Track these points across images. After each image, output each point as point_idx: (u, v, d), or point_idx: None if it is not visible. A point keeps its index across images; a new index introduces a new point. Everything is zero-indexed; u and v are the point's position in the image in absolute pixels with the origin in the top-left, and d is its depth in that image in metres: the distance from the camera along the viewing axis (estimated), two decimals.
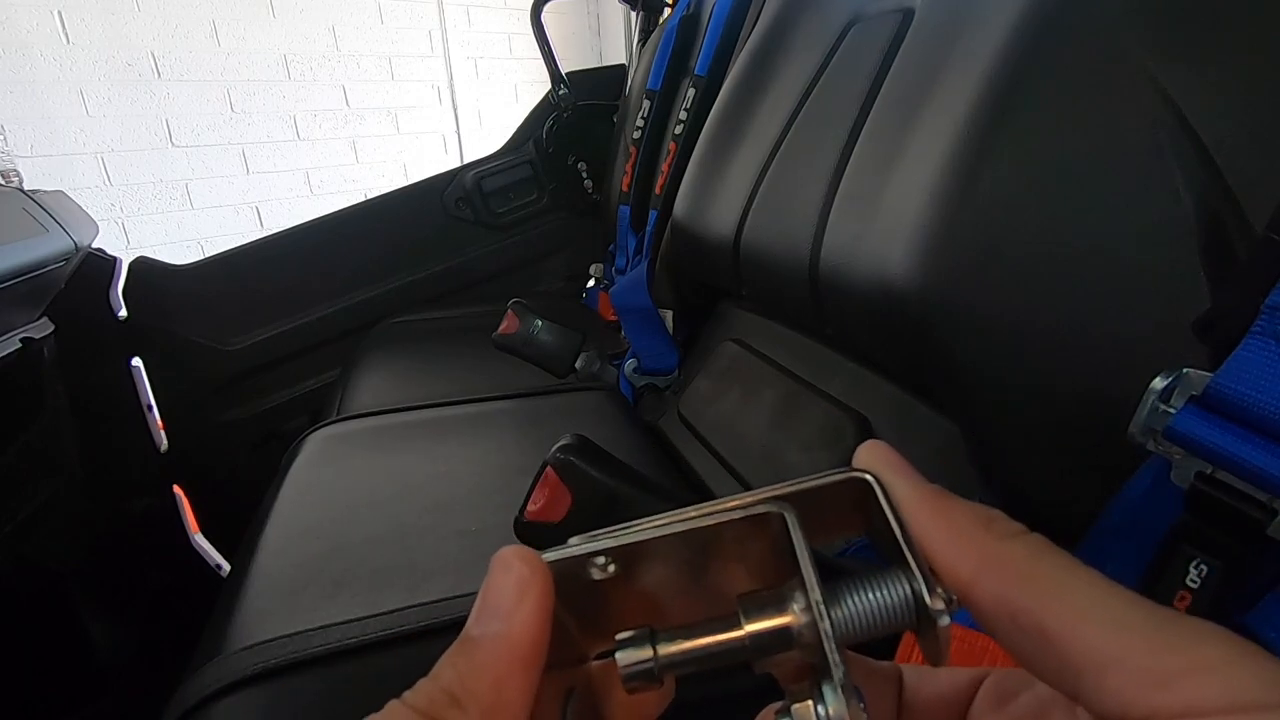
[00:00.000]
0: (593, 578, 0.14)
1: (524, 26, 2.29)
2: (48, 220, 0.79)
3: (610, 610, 0.15)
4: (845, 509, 0.15)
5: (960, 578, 0.13)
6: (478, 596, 0.13)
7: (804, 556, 0.13)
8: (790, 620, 0.13)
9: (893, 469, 0.14)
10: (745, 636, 0.14)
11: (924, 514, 0.13)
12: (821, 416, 0.62)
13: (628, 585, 0.14)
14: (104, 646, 0.87)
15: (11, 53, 1.93)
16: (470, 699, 0.12)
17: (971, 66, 0.47)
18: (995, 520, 0.13)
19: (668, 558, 0.14)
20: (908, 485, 0.14)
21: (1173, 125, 0.33)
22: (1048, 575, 0.12)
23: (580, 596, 0.14)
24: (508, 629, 0.12)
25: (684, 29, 1.07)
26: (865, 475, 0.14)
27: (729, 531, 0.14)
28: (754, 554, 0.14)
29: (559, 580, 0.14)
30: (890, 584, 0.13)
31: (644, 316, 0.95)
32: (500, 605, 0.13)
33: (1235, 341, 0.27)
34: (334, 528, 0.57)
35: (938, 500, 0.13)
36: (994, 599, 0.12)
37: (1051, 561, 0.12)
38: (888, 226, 0.50)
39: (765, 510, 0.14)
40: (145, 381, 1.02)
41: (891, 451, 0.15)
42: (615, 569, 0.14)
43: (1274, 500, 0.26)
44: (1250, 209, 0.30)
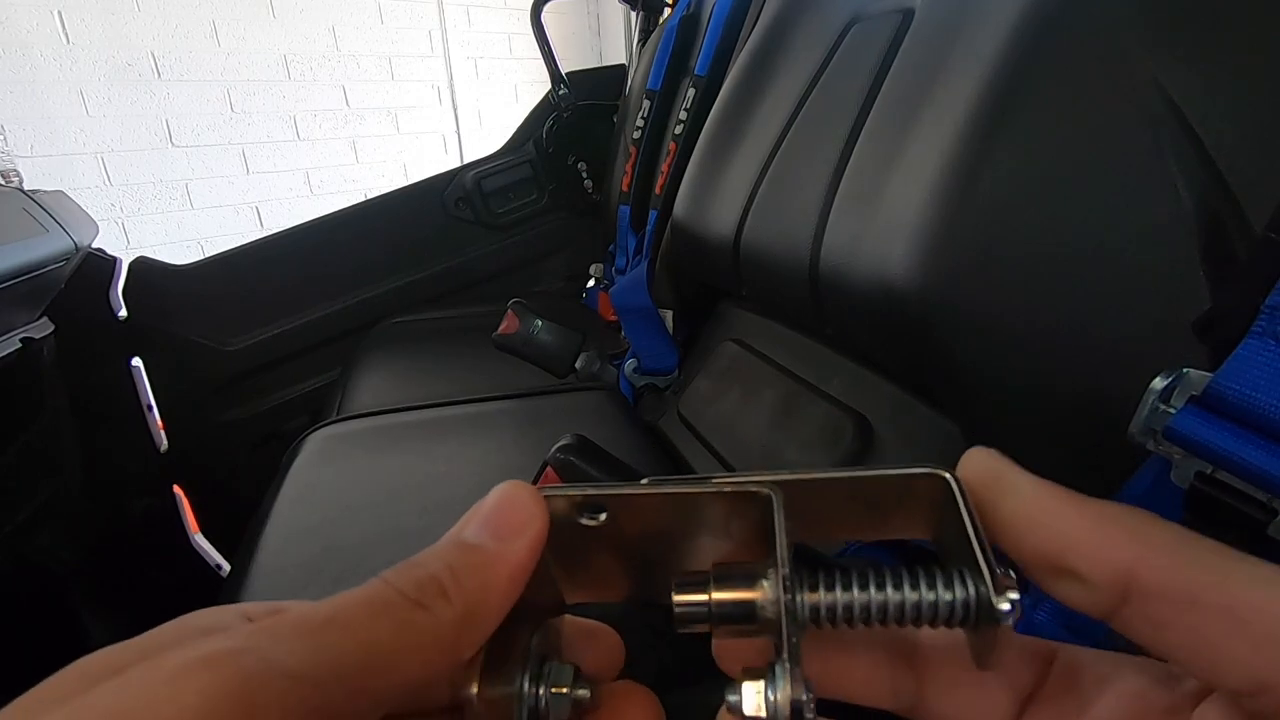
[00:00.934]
0: (582, 523, 0.14)
1: (524, 26, 2.29)
2: (48, 220, 0.79)
3: (592, 557, 0.15)
4: (912, 506, 0.15)
5: (1119, 563, 0.12)
6: (474, 512, 0.14)
7: (780, 534, 0.13)
8: (756, 595, 0.14)
9: (1014, 468, 0.14)
10: (713, 602, 0.14)
11: (1062, 505, 0.13)
12: (821, 416, 0.62)
13: (613, 540, 0.15)
14: (104, 646, 0.87)
15: (11, 53, 1.93)
16: (459, 595, 0.12)
17: (972, 66, 0.47)
18: (1137, 511, 0.13)
19: (657, 519, 0.15)
20: (1032, 481, 0.13)
21: (1173, 125, 0.33)
22: (1214, 553, 0.12)
23: (566, 542, 0.15)
24: (509, 548, 0.13)
25: (684, 29, 1.07)
26: (945, 474, 0.14)
27: (719, 504, 0.14)
28: (740, 532, 0.15)
29: (552, 518, 0.14)
30: (951, 582, 0.14)
31: (644, 316, 0.95)
32: (504, 526, 0.13)
33: (1235, 341, 0.27)
34: (334, 528, 0.57)
35: (1072, 495, 0.13)
36: (1163, 583, 0.12)
37: (1210, 544, 0.12)
38: (888, 226, 0.50)
39: (755, 490, 0.14)
40: (145, 381, 1.02)
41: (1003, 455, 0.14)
42: (605, 518, 0.14)
43: (1274, 500, 0.26)
44: (1250, 209, 0.30)
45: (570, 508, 0.14)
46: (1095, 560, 0.12)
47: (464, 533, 0.13)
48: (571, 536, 0.15)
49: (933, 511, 0.15)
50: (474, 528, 0.13)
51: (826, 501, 0.15)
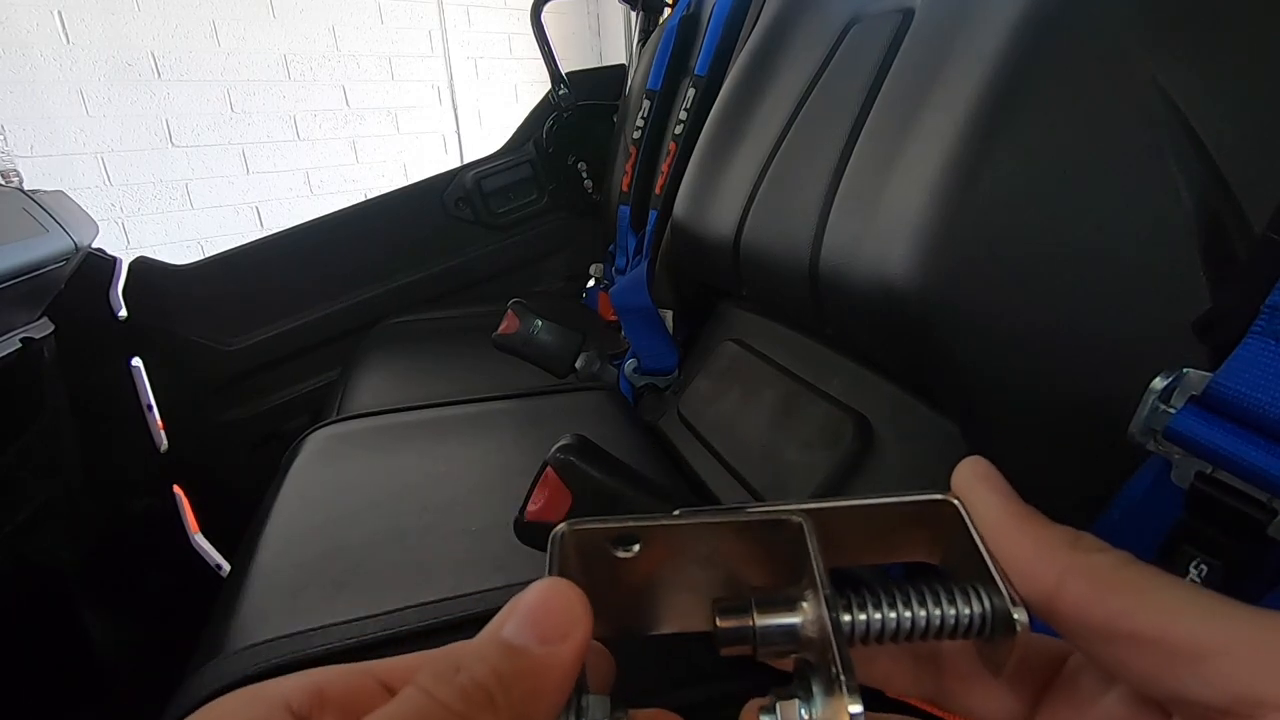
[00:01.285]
0: (616, 556, 0.15)
1: (524, 26, 2.29)
2: (48, 220, 0.79)
3: (623, 591, 0.15)
4: (922, 529, 0.16)
5: (1044, 586, 0.13)
6: (514, 608, 0.13)
7: (816, 560, 0.14)
8: (797, 618, 0.14)
9: (989, 484, 0.15)
10: (756, 628, 0.15)
11: (1011, 526, 0.14)
12: (821, 416, 0.62)
13: (645, 570, 0.15)
14: (104, 646, 0.87)
15: (11, 53, 1.93)
16: (507, 705, 0.12)
17: (972, 66, 0.47)
18: (1081, 537, 0.14)
19: (689, 548, 0.15)
20: (1000, 500, 0.15)
21: (1173, 125, 0.33)
22: (1135, 581, 0.12)
23: (598, 570, 0.15)
24: (556, 653, 0.12)
25: (684, 29, 1.07)
26: (953, 499, 0.15)
27: (749, 532, 0.15)
28: (768, 558, 0.15)
29: (584, 549, 0.14)
30: (963, 598, 0.14)
31: (644, 316, 0.95)
32: (550, 629, 0.13)
33: (1235, 341, 0.27)
34: (334, 528, 0.57)
35: (1026, 517, 0.14)
36: (1080, 605, 0.13)
37: (1138, 570, 0.13)
38: (888, 226, 0.50)
39: (786, 518, 0.15)
40: (145, 381, 1.02)
41: (991, 468, 0.15)
42: (639, 549, 0.15)
43: (1274, 500, 0.26)
44: (1250, 209, 0.30)
45: (603, 541, 0.14)
46: (1028, 583, 0.13)
47: (505, 631, 0.13)
48: (605, 568, 0.15)
49: (941, 532, 0.16)
50: (516, 627, 0.13)
51: (845, 527, 0.16)
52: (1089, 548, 0.13)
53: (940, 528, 0.16)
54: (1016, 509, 0.14)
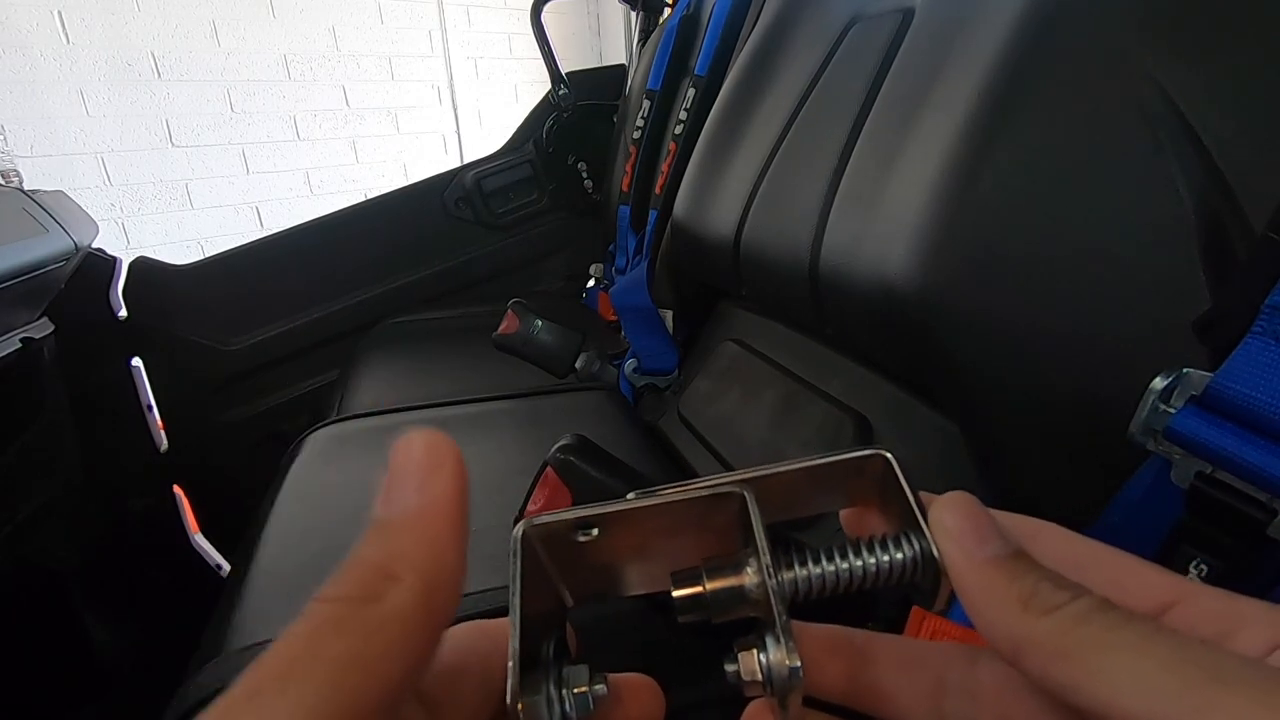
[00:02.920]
0: (578, 541, 0.16)
1: (524, 26, 2.29)
2: (48, 220, 0.79)
3: (591, 563, 0.17)
4: (859, 484, 0.17)
5: (1006, 651, 0.13)
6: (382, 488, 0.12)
7: (758, 527, 0.15)
8: (743, 580, 0.16)
9: (957, 532, 0.15)
10: (707, 592, 0.16)
11: (972, 588, 0.14)
12: (821, 416, 0.62)
13: (607, 549, 0.16)
14: (104, 646, 0.87)
15: (11, 53, 1.93)
16: (408, 569, 0.11)
17: (971, 66, 0.47)
18: (1036, 595, 0.13)
19: (645, 526, 0.16)
20: (960, 554, 0.15)
21: (1173, 125, 0.33)
22: (1081, 648, 0.12)
23: (564, 556, 0.16)
24: (434, 493, 0.12)
25: (684, 29, 1.07)
26: (884, 453, 0.17)
27: (698, 507, 0.16)
28: (720, 526, 0.17)
29: (548, 539, 0.16)
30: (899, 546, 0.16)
31: (644, 316, 0.95)
32: (417, 477, 0.12)
33: (1235, 341, 0.27)
34: (334, 528, 0.57)
35: (986, 573, 0.14)
36: (1036, 677, 0.13)
37: (1087, 632, 0.12)
38: (888, 226, 0.50)
39: (730, 490, 0.16)
40: (145, 381, 1.02)
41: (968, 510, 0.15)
42: (598, 533, 0.16)
43: (1274, 500, 0.26)
44: (1250, 209, 0.30)
45: (565, 529, 0.16)
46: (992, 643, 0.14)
47: (379, 509, 0.12)
48: (569, 551, 0.16)
49: (876, 485, 0.17)
50: (387, 499, 0.12)
51: (789, 488, 0.17)
52: (1039, 609, 0.13)
53: (876, 478, 0.17)
54: (977, 561, 0.14)
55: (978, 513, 0.15)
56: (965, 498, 0.16)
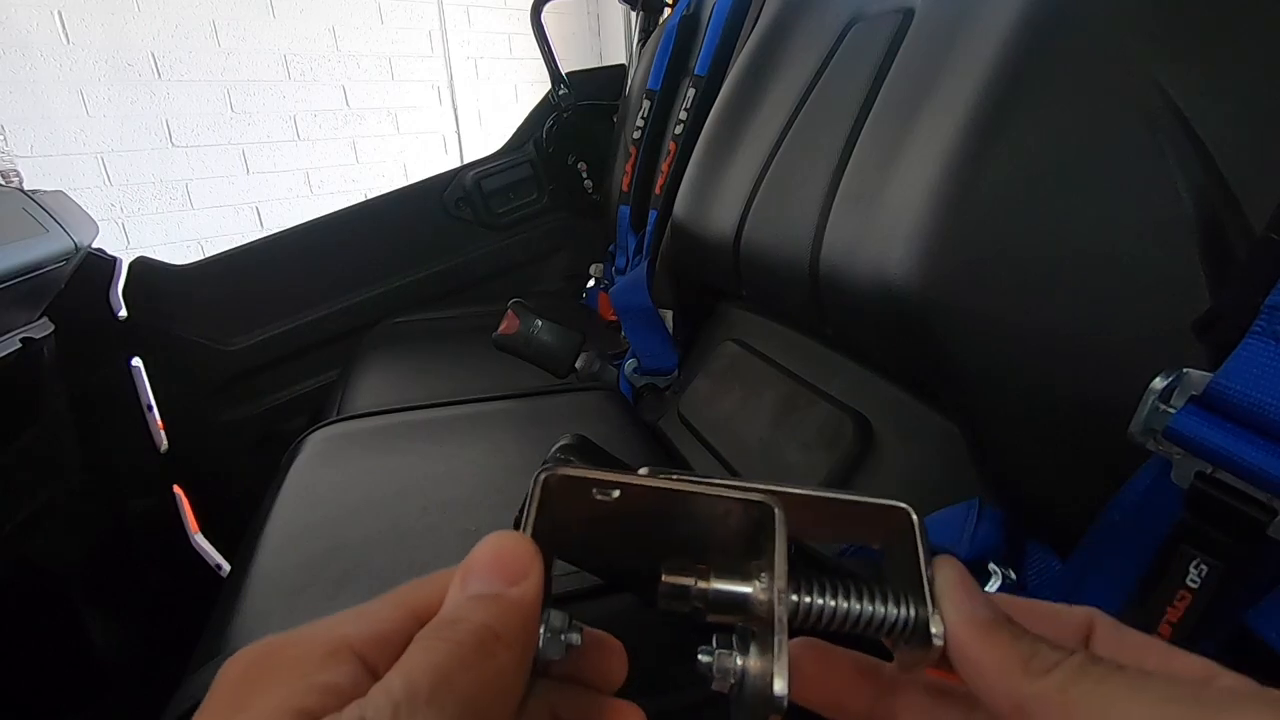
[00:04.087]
0: (595, 498, 0.16)
1: (524, 26, 2.29)
2: (48, 220, 0.79)
3: (596, 530, 0.17)
4: (872, 526, 0.17)
5: (1005, 712, 0.14)
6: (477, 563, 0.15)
7: (780, 546, 0.15)
8: (750, 590, 0.16)
9: (954, 593, 0.16)
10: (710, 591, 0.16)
11: (971, 648, 0.15)
12: (821, 416, 0.62)
13: (620, 517, 0.17)
14: (104, 646, 0.87)
15: (11, 53, 1.93)
16: (514, 640, 0.14)
17: (971, 66, 0.47)
18: (1035, 656, 0.14)
19: (663, 509, 0.17)
20: (960, 616, 0.15)
21: (1173, 125, 0.33)
22: (1083, 703, 0.13)
23: (577, 509, 0.16)
24: (523, 592, 0.15)
25: (684, 29, 1.07)
26: (908, 509, 0.17)
27: (724, 506, 0.16)
28: (733, 530, 0.17)
29: (568, 491, 0.16)
30: (894, 600, 0.16)
31: (644, 316, 0.95)
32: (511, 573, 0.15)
33: (1235, 341, 0.27)
34: (334, 528, 0.57)
35: (985, 635, 0.15)
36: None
37: (1085, 687, 0.13)
38: (888, 226, 0.50)
39: (760, 499, 0.16)
40: (145, 381, 1.02)
41: (961, 571, 0.16)
42: (616, 496, 0.16)
43: (1274, 500, 0.26)
44: (1250, 209, 0.30)
45: (590, 484, 0.16)
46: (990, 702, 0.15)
47: (476, 586, 0.15)
48: (584, 507, 0.16)
49: (892, 532, 0.17)
50: (484, 579, 0.15)
51: (806, 512, 0.17)
52: (1039, 670, 0.14)
53: (892, 529, 0.17)
54: (977, 621, 0.15)
55: (969, 577, 0.16)
56: (955, 562, 0.16)
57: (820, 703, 0.18)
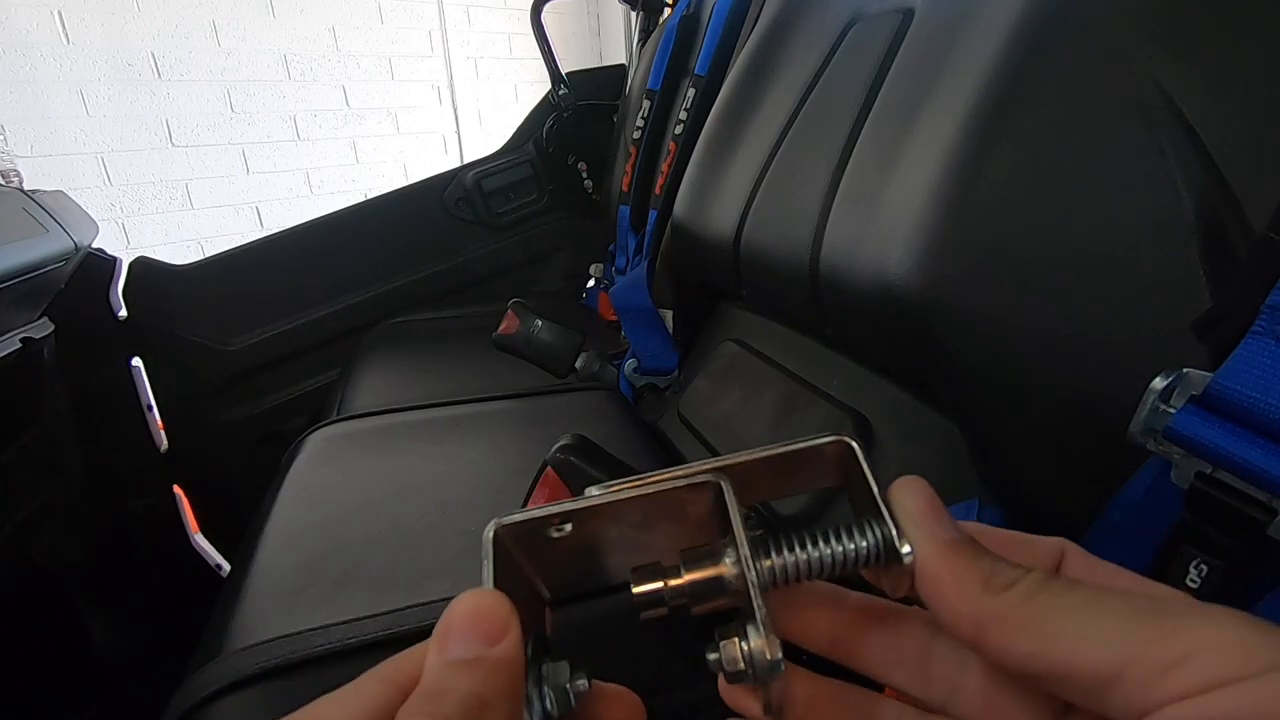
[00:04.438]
0: (551, 537, 0.16)
1: (524, 26, 2.29)
2: (48, 220, 0.79)
3: (566, 558, 0.17)
4: (826, 468, 0.17)
5: (967, 634, 0.14)
6: (453, 627, 0.15)
7: (736, 519, 0.15)
8: (722, 570, 0.16)
9: (919, 515, 0.16)
10: (685, 584, 0.16)
11: (937, 571, 0.15)
12: (821, 416, 0.62)
13: (584, 542, 0.16)
14: (104, 646, 0.87)
15: (11, 53, 1.93)
16: (499, 700, 0.14)
17: (972, 66, 0.47)
18: (995, 574, 0.14)
19: (618, 520, 0.16)
20: (923, 538, 0.15)
21: (1173, 125, 0.33)
22: (1041, 616, 0.13)
23: (539, 549, 0.16)
24: (505, 650, 0.14)
25: (684, 29, 1.07)
26: (848, 440, 0.17)
27: (673, 498, 0.16)
28: (694, 516, 0.17)
29: (519, 538, 0.16)
30: (862, 532, 0.16)
31: (644, 316, 0.95)
32: (488, 634, 0.14)
33: (1235, 341, 0.27)
34: (334, 528, 0.57)
35: (947, 555, 0.15)
36: (999, 653, 0.14)
37: (1043, 600, 0.13)
38: (888, 226, 0.50)
39: (705, 479, 0.16)
40: (145, 381, 1.02)
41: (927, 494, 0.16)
42: (570, 528, 0.16)
43: (1274, 500, 0.26)
44: (1250, 209, 0.30)
45: (538, 526, 0.16)
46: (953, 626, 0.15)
47: (455, 652, 0.14)
48: (544, 547, 0.16)
49: (842, 470, 0.17)
50: (463, 642, 0.14)
51: (757, 474, 0.17)
52: (1000, 586, 0.14)
53: (842, 464, 0.17)
54: (938, 544, 0.15)
55: (934, 497, 0.16)
56: (920, 482, 0.16)
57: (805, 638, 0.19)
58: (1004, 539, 0.17)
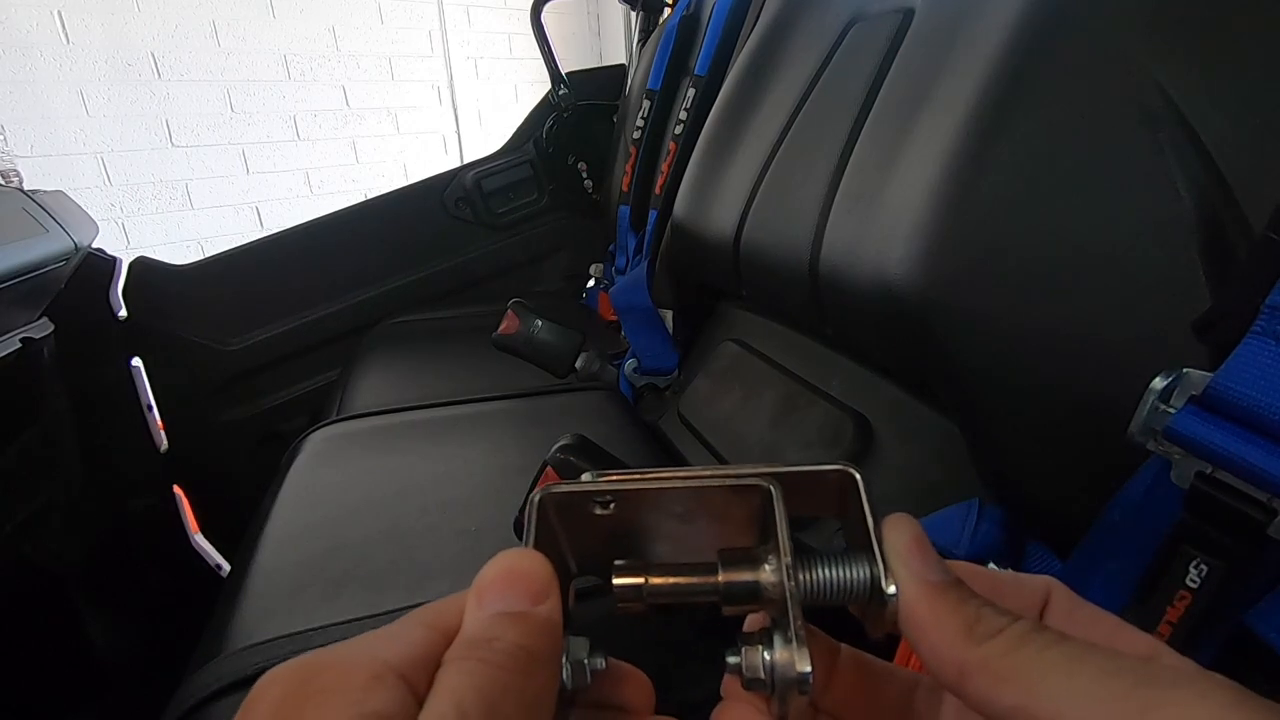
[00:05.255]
0: (593, 513, 0.16)
1: (524, 26, 2.29)
2: (48, 220, 0.79)
3: (602, 536, 0.17)
4: (827, 494, 0.17)
5: (951, 679, 0.14)
6: (493, 581, 0.15)
7: (782, 526, 0.15)
8: (761, 577, 0.16)
9: (907, 554, 0.15)
10: (721, 584, 0.16)
11: (918, 609, 0.15)
12: (821, 416, 0.62)
13: (622, 523, 0.17)
14: (104, 646, 0.87)
15: (11, 53, 1.93)
16: (546, 656, 0.14)
17: (971, 66, 0.47)
18: (980, 620, 0.14)
19: (661, 507, 0.17)
20: (910, 578, 0.15)
21: (1173, 125, 0.33)
22: (1026, 669, 0.13)
23: (579, 521, 0.16)
24: (550, 607, 0.15)
25: (684, 29, 1.07)
26: (852, 470, 0.17)
27: (719, 495, 0.16)
28: (736, 517, 0.17)
29: (562, 506, 0.16)
30: (853, 565, 0.16)
31: (644, 316, 0.95)
32: (540, 590, 0.15)
33: (1235, 341, 0.27)
34: (334, 528, 0.57)
35: (933, 597, 0.15)
36: (982, 702, 0.14)
37: (1028, 653, 0.13)
38: (888, 226, 0.50)
39: (755, 483, 0.16)
40: (145, 381, 1.02)
41: (916, 534, 0.16)
42: (614, 508, 0.16)
43: (1274, 500, 0.26)
44: (1250, 209, 0.30)
45: (584, 498, 0.16)
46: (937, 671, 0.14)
47: (497, 604, 0.14)
48: (582, 521, 0.16)
49: (844, 500, 0.17)
50: (504, 597, 0.14)
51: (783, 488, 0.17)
52: (984, 634, 0.14)
53: (844, 495, 0.17)
54: (925, 588, 0.15)
55: (923, 536, 0.16)
56: (910, 520, 0.16)
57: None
58: (991, 580, 0.17)
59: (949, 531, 0.42)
